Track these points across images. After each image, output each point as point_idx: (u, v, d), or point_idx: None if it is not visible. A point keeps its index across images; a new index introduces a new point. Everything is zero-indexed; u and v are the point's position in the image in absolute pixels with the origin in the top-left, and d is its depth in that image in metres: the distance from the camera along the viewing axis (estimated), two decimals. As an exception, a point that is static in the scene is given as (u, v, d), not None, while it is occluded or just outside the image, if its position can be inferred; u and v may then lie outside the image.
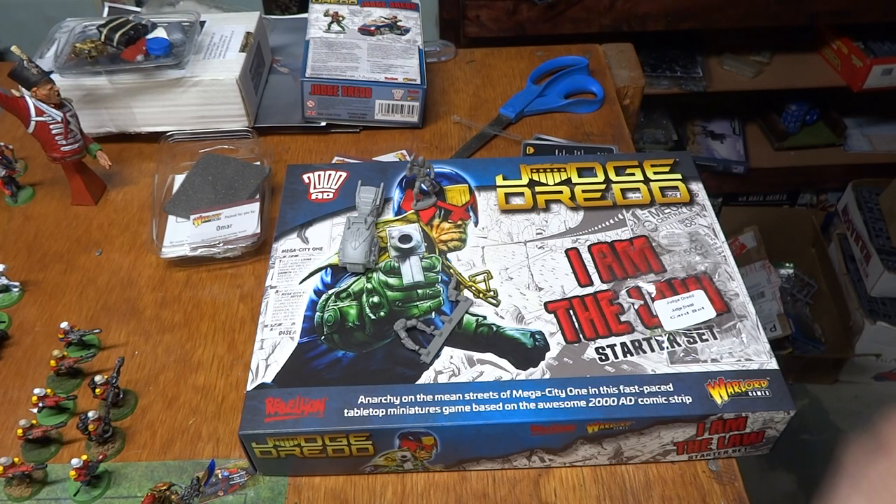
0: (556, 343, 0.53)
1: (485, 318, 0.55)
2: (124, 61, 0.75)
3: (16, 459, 0.52)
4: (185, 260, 0.68)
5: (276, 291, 0.57)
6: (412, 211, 0.63)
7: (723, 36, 1.68)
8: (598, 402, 0.49)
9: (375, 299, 0.56)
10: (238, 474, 0.52)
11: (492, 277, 0.57)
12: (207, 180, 0.72)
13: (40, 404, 0.56)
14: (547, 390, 0.50)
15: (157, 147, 0.77)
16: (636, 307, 0.55)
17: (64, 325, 0.60)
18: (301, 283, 0.58)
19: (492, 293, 0.56)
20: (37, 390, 0.56)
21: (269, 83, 0.88)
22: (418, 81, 0.80)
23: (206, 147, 0.77)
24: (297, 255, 0.60)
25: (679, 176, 0.65)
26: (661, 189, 0.64)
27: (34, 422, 0.55)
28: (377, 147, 0.81)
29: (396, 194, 0.65)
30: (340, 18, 0.87)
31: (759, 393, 0.49)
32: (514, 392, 0.50)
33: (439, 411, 0.49)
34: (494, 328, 0.54)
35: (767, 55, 1.65)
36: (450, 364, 0.52)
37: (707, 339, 0.53)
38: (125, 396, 0.58)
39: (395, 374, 0.51)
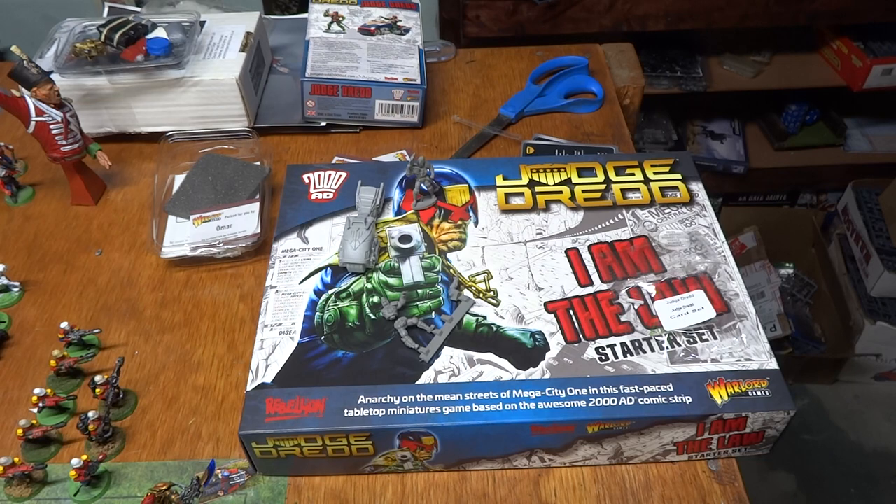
0: (556, 343, 0.53)
1: (485, 318, 0.55)
2: (124, 61, 0.75)
3: (16, 459, 0.52)
4: (185, 260, 0.68)
5: (276, 291, 0.57)
6: (412, 211, 0.63)
7: (723, 36, 1.68)
8: (598, 402, 0.49)
9: (375, 299, 0.56)
10: (238, 474, 0.52)
11: (492, 277, 0.57)
12: (207, 180, 0.72)
13: (40, 404, 0.56)
14: (547, 390, 0.50)
15: (157, 147, 0.77)
16: (636, 307, 0.55)
17: (64, 325, 0.60)
18: (301, 283, 0.58)
19: (492, 293, 0.56)
20: (37, 390, 0.56)
21: (269, 83, 0.88)
22: (418, 81, 0.80)
23: (206, 147, 0.77)
24: (297, 255, 0.60)
25: (679, 176, 0.65)
26: (661, 189, 0.64)
27: (34, 422, 0.55)
28: (377, 147, 0.81)
29: (396, 194, 0.65)
30: (340, 18, 0.87)
31: (759, 393, 0.49)
32: (514, 392, 0.50)
33: (439, 411, 0.49)
34: (494, 328, 0.54)
35: (767, 55, 1.65)
36: (450, 364, 0.52)
37: (707, 339, 0.53)
38: (125, 396, 0.58)
39: (395, 374, 0.51)
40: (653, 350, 0.52)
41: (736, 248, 1.70)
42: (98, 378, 0.55)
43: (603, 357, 0.52)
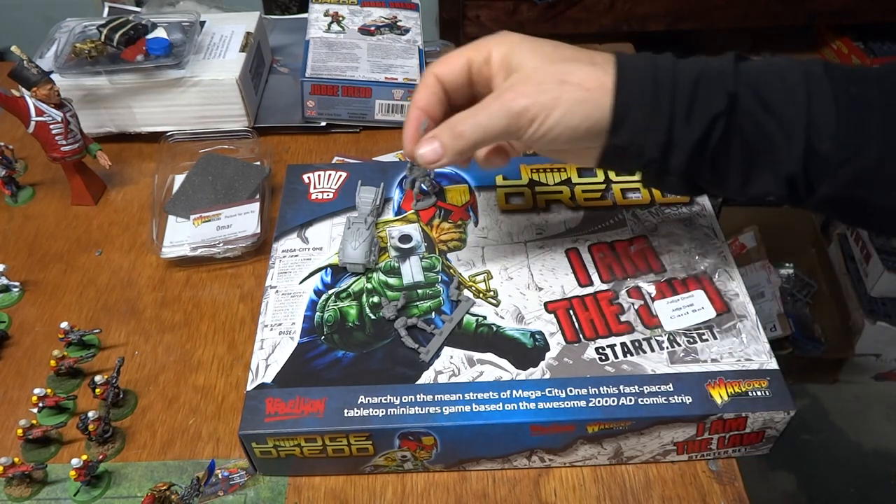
0: (556, 343, 0.53)
1: (485, 318, 0.55)
2: (124, 61, 0.75)
3: (16, 459, 0.52)
4: (185, 260, 0.68)
5: (276, 291, 0.57)
6: (412, 211, 0.63)
7: (723, 36, 1.68)
8: (598, 402, 0.49)
9: (375, 299, 0.56)
10: (238, 474, 0.52)
11: (492, 277, 0.57)
12: (207, 180, 0.72)
13: (40, 404, 0.56)
14: (547, 390, 0.50)
15: (157, 147, 0.77)
16: (636, 307, 0.55)
17: (64, 325, 0.60)
18: (301, 283, 0.58)
19: (492, 293, 0.56)
20: (37, 390, 0.56)
21: (269, 83, 0.88)
22: (418, 81, 0.80)
23: (206, 147, 0.77)
24: (297, 255, 0.60)
25: (679, 176, 0.65)
26: (661, 189, 0.64)
27: (34, 422, 0.55)
28: (377, 147, 0.81)
29: (396, 194, 0.65)
30: (340, 18, 0.87)
31: (759, 393, 0.49)
32: (514, 392, 0.50)
33: (439, 411, 0.49)
34: (494, 328, 0.54)
35: (767, 55, 1.65)
36: (450, 364, 0.52)
37: (707, 339, 0.53)
38: (125, 396, 0.58)
39: (395, 374, 0.51)
40: (653, 350, 0.52)
41: (736, 248, 1.70)
42: (98, 378, 0.55)
43: (603, 357, 0.52)
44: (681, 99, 0.42)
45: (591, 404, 0.49)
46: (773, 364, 0.51)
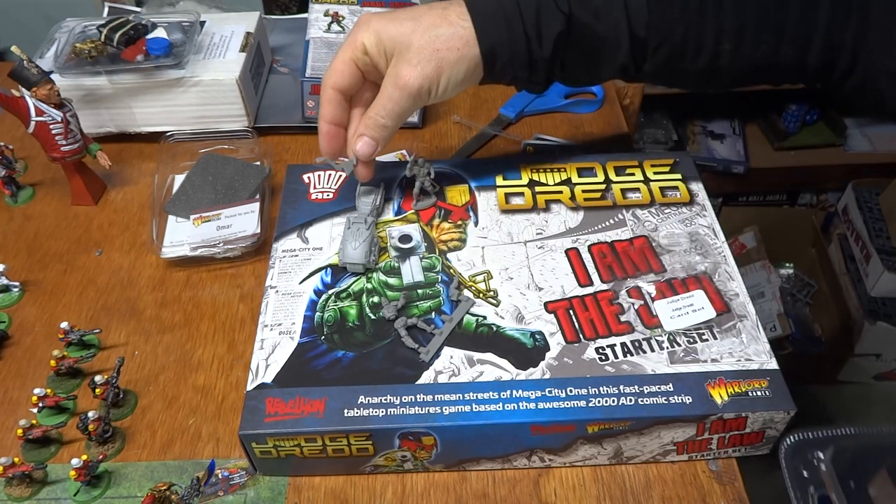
0: (556, 343, 0.53)
1: (485, 318, 0.55)
2: (124, 61, 0.75)
3: (16, 459, 0.52)
4: (185, 260, 0.68)
5: (276, 291, 0.57)
6: (412, 211, 0.63)
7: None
8: (598, 402, 0.49)
9: (375, 299, 0.56)
10: (238, 474, 0.52)
11: (492, 277, 0.57)
12: (207, 180, 0.72)
13: (40, 404, 0.56)
14: (547, 390, 0.50)
15: (157, 147, 0.77)
16: (636, 307, 0.55)
17: (64, 325, 0.60)
18: (301, 283, 0.58)
19: (492, 293, 0.56)
20: (37, 390, 0.56)
21: (269, 83, 0.88)
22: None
23: (206, 147, 0.77)
24: (297, 255, 0.60)
25: (679, 176, 0.65)
26: (661, 189, 0.64)
27: (34, 422, 0.55)
28: (377, 147, 0.81)
29: (396, 194, 0.65)
30: (340, 18, 0.87)
31: (759, 393, 0.49)
32: (514, 392, 0.50)
33: (439, 411, 0.49)
34: (494, 328, 0.54)
35: None
36: (450, 364, 0.52)
37: (707, 339, 0.53)
38: (125, 396, 0.58)
39: (395, 374, 0.51)
40: (653, 350, 0.52)
41: (736, 248, 1.70)
42: (98, 378, 0.55)
43: (603, 357, 0.52)
44: (529, 28, 0.53)
45: (591, 404, 0.49)
46: (773, 364, 0.51)
